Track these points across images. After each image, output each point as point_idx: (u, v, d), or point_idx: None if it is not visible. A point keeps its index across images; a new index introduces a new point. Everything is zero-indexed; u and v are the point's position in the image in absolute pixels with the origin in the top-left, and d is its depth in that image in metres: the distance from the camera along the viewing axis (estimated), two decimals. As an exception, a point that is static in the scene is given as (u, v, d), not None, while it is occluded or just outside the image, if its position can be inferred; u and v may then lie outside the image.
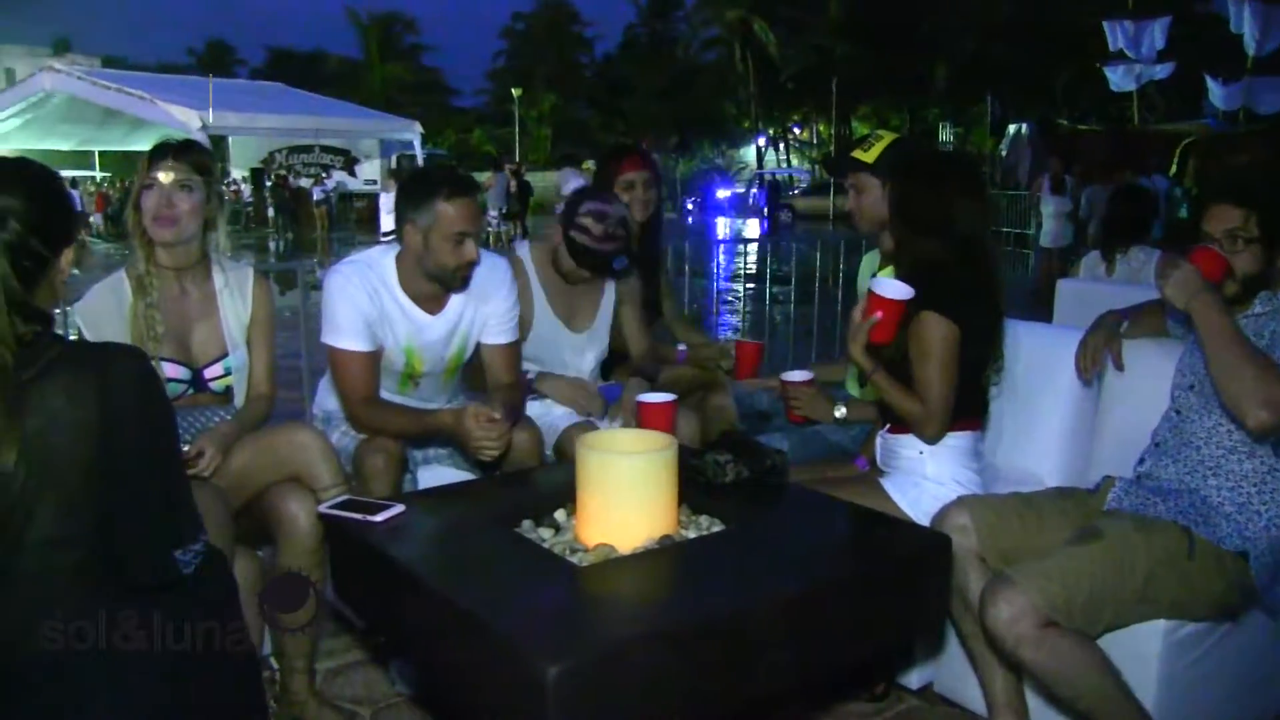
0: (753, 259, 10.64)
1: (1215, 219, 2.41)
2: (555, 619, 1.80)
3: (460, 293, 2.89)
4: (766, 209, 30.80)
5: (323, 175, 28.57)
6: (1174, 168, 17.50)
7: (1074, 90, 36.85)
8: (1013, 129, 24.43)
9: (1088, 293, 4.26)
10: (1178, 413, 2.51)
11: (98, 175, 32.81)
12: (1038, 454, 2.91)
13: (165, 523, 1.69)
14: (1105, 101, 31.93)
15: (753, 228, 30.06)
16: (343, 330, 2.77)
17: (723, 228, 30.74)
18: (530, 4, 61.41)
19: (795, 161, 52.25)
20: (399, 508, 2.25)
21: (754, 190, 37.56)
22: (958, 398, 2.54)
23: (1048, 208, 12.37)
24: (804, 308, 6.47)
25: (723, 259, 8.63)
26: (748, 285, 8.91)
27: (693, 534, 2.16)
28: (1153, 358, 2.73)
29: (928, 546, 2.22)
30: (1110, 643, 2.24)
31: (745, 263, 9.45)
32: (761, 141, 51.54)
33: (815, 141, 52.47)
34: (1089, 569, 2.21)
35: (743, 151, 53.00)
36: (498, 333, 2.99)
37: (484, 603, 1.82)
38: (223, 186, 3.23)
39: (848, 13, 44.15)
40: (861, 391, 3.18)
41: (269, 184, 28.46)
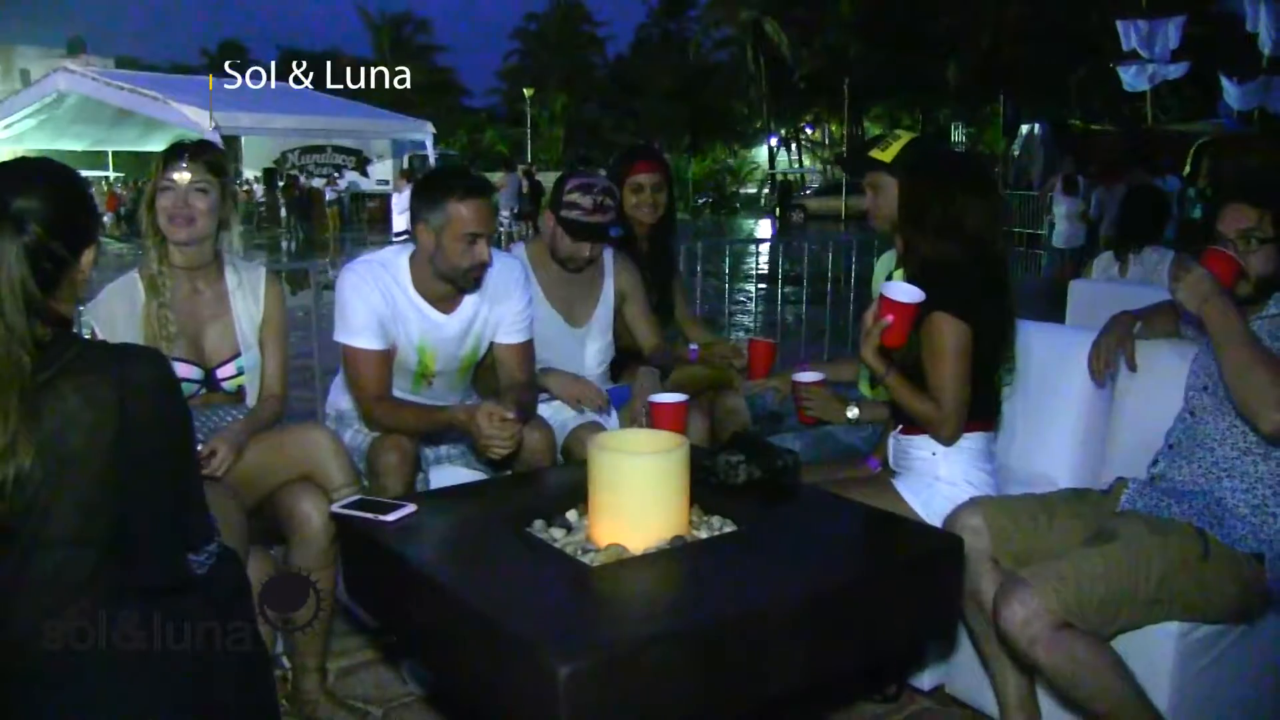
0: (764, 259, 10.62)
1: (1229, 219, 2.40)
2: (567, 619, 1.80)
3: (474, 293, 2.90)
4: (778, 209, 30.80)
5: (335, 175, 28.62)
6: (1187, 168, 17.39)
7: (1087, 90, 36.67)
8: (1025, 129, 24.29)
9: (1100, 294, 4.24)
10: (1192, 414, 2.50)
11: (111, 175, 32.94)
12: (1051, 455, 2.90)
13: (180, 525, 1.70)
14: (1118, 101, 31.75)
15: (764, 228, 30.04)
16: (356, 329, 2.78)
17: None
18: (542, 4, 61.61)
19: (807, 162, 52.25)
20: (410, 507, 2.25)
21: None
22: (971, 399, 2.54)
23: (1060, 208, 12.33)
24: (816, 307, 6.46)
25: (733, 259, 8.62)
26: (759, 285, 8.91)
27: (704, 534, 2.16)
28: (1166, 359, 2.72)
29: (940, 548, 2.21)
30: (1124, 644, 2.23)
31: (758, 263, 9.43)
32: (773, 142, 51.49)
33: (827, 142, 52.38)
34: (1103, 570, 2.20)
35: (754, 152, 52.99)
36: (511, 332, 3.00)
37: (495, 602, 1.82)
38: (236, 187, 3.24)
39: (860, 13, 44.07)
40: (873, 392, 3.17)
41: (281, 184, 28.52)
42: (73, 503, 1.57)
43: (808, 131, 54.24)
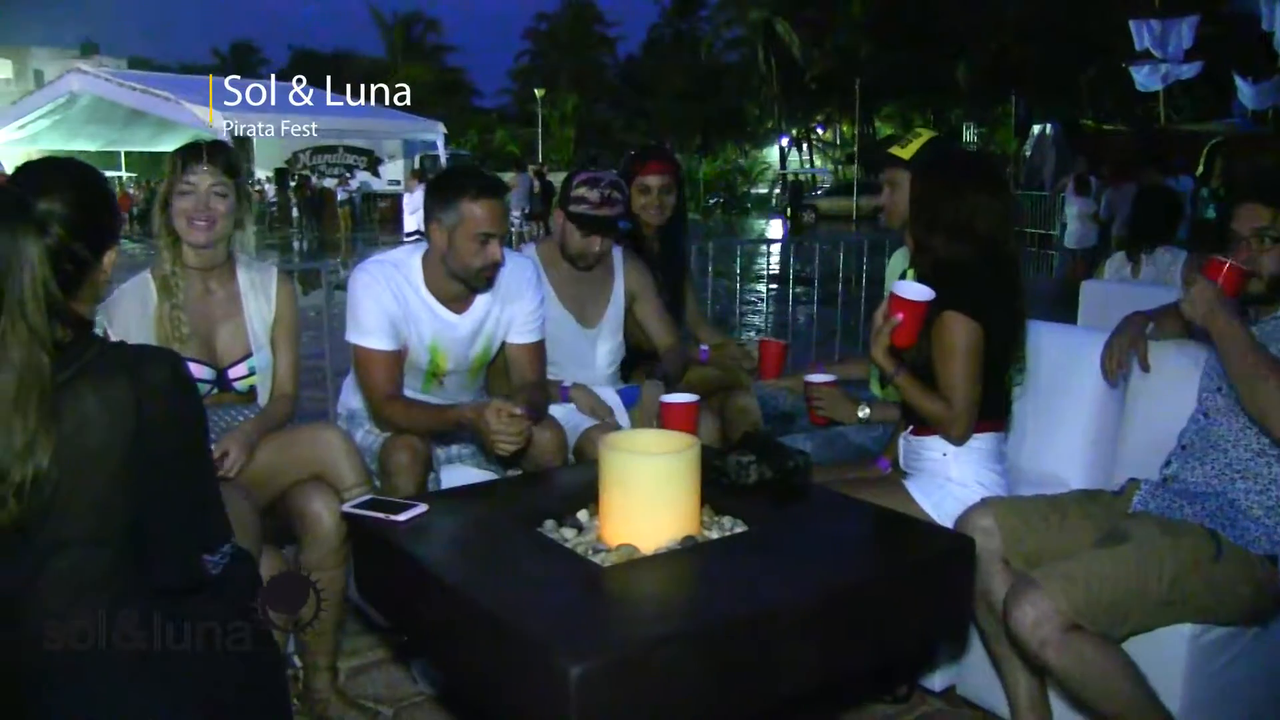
0: (775, 259, 10.60)
1: (1243, 218, 2.40)
2: (578, 619, 1.80)
3: (486, 293, 2.91)
4: (789, 209, 30.80)
5: (347, 176, 28.66)
6: (1200, 168, 17.33)
7: (1099, 90, 36.57)
8: (1037, 129, 24.22)
9: (1113, 294, 4.24)
10: (1205, 415, 2.49)
11: (124, 175, 33.05)
12: (1062, 456, 2.90)
13: (195, 526, 1.71)
14: (1131, 102, 31.64)
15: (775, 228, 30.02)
16: (368, 329, 2.79)
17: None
18: (553, 4, 61.67)
19: (818, 162, 52.17)
20: (421, 507, 2.26)
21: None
22: (981, 399, 2.53)
23: (1072, 208, 12.29)
24: (827, 308, 6.45)
25: (745, 259, 8.61)
26: (770, 286, 8.90)
27: (715, 535, 2.16)
28: (1179, 359, 2.71)
29: (951, 548, 2.21)
30: (1136, 647, 2.22)
31: (769, 263, 9.41)
32: (784, 142, 51.46)
33: (838, 142, 52.34)
34: (1114, 572, 2.19)
35: (765, 152, 52.93)
36: (523, 332, 3.00)
37: (506, 602, 1.83)
38: (250, 187, 3.25)
39: (871, 13, 44.02)
40: (884, 392, 3.17)
41: (292, 184, 28.57)
42: (89, 503, 1.58)
43: (819, 132, 54.20)
